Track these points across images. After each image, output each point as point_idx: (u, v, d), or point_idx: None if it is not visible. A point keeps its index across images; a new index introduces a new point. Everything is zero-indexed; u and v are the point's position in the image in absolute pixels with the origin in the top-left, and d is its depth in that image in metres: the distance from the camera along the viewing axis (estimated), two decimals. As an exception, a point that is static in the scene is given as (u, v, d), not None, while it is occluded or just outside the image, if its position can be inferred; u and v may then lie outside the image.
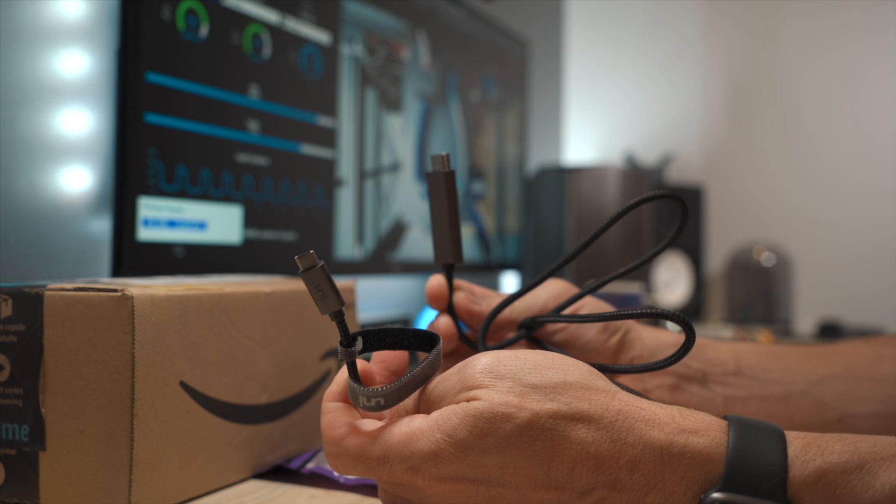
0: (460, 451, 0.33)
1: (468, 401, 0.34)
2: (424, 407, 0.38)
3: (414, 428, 0.35)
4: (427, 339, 0.41)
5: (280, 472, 0.51)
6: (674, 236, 0.44)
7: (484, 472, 0.34)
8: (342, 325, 0.37)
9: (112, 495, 0.40)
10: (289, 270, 0.81)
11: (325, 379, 0.56)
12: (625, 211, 0.43)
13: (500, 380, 0.35)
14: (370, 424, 0.37)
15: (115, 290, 0.40)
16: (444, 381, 0.37)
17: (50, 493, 0.41)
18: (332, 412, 0.38)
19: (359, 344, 0.38)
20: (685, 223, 0.44)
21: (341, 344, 0.37)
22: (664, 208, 1.66)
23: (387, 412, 0.40)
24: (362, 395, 0.37)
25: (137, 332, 0.40)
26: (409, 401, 0.39)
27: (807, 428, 0.35)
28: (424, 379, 0.38)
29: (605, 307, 0.51)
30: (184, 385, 0.44)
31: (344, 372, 0.39)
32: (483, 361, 0.36)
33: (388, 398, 0.37)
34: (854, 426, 0.50)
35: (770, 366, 0.52)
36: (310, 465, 0.50)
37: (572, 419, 0.34)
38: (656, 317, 0.39)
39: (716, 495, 0.32)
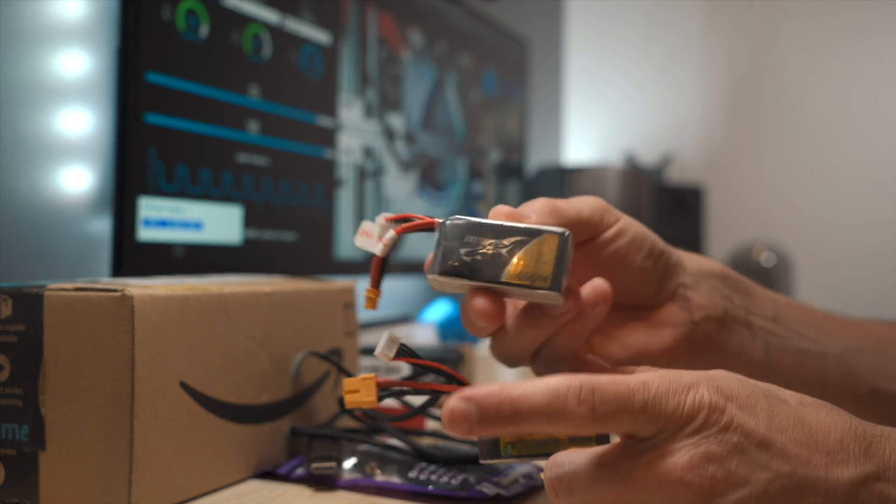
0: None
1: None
2: None
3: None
4: None
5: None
6: None
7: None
8: None
9: (112, 495, 0.40)
10: (289, 270, 0.80)
11: (325, 379, 0.56)
12: None
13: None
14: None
15: (115, 290, 0.40)
16: None
17: (50, 493, 0.41)
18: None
19: None
20: None
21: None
22: (665, 209, 1.66)
23: None
24: None
25: (137, 332, 0.40)
26: None
27: (840, 396, 0.33)
28: None
29: (648, 233, 0.47)
30: (184, 385, 0.44)
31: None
32: None
33: None
34: (881, 403, 0.48)
35: (808, 321, 0.49)
36: (299, 471, 0.49)
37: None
38: None
39: None
